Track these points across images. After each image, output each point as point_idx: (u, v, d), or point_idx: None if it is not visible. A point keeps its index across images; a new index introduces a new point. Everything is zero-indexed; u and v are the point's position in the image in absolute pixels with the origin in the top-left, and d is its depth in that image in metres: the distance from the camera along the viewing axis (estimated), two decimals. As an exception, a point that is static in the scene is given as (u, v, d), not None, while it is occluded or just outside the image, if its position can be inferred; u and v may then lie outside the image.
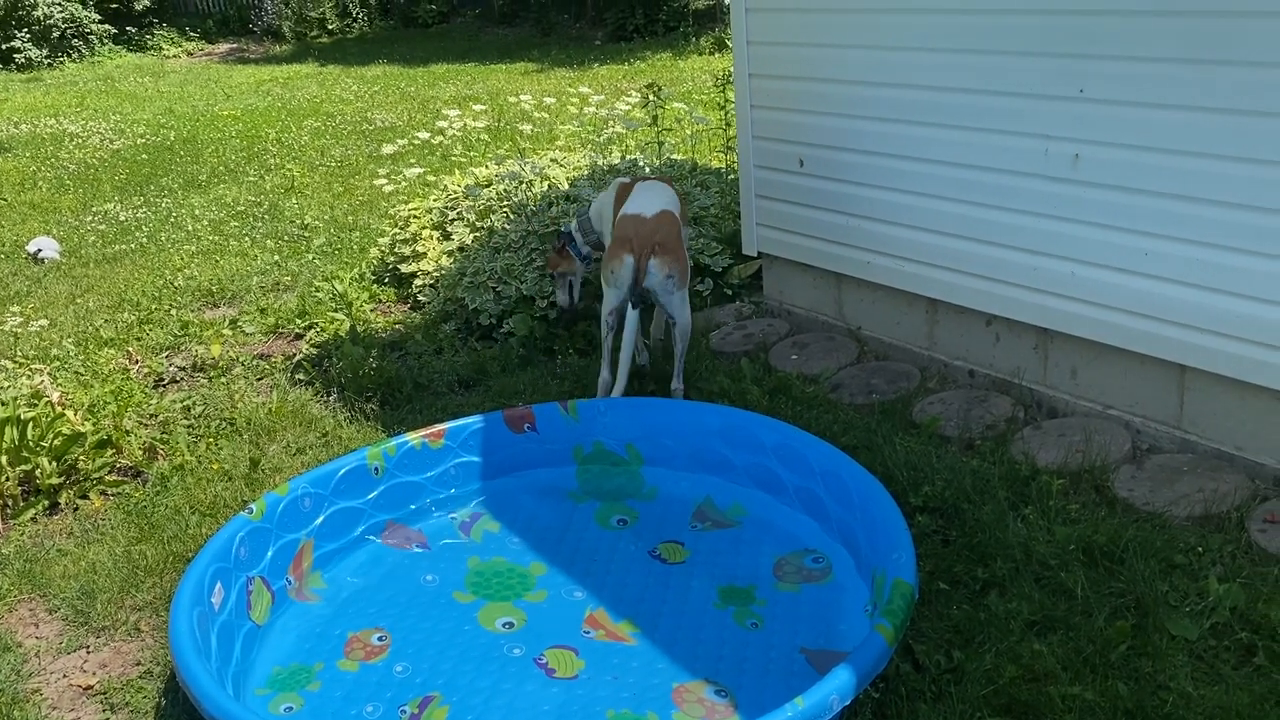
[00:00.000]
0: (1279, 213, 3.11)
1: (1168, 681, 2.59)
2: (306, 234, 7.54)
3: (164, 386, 5.09)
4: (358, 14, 21.35)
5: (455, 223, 6.24)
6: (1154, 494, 3.35)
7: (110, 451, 4.23)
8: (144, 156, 10.85)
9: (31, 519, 3.95)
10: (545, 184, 6.29)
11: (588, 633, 3.06)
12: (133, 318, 6.00)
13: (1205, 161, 3.25)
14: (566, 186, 6.19)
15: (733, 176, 6.19)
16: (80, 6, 19.24)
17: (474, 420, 3.87)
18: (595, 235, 4.46)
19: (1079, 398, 3.88)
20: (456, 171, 7.56)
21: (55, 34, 18.90)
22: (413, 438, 3.75)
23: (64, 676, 3.13)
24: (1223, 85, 3.15)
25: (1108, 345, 3.71)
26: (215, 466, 4.15)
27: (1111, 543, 3.07)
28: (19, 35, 18.46)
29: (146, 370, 5.22)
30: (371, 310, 5.79)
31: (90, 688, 3.07)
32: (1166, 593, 2.87)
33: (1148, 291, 3.50)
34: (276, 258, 6.99)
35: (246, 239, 7.57)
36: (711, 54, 14.59)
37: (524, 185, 6.26)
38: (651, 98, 6.58)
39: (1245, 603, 2.79)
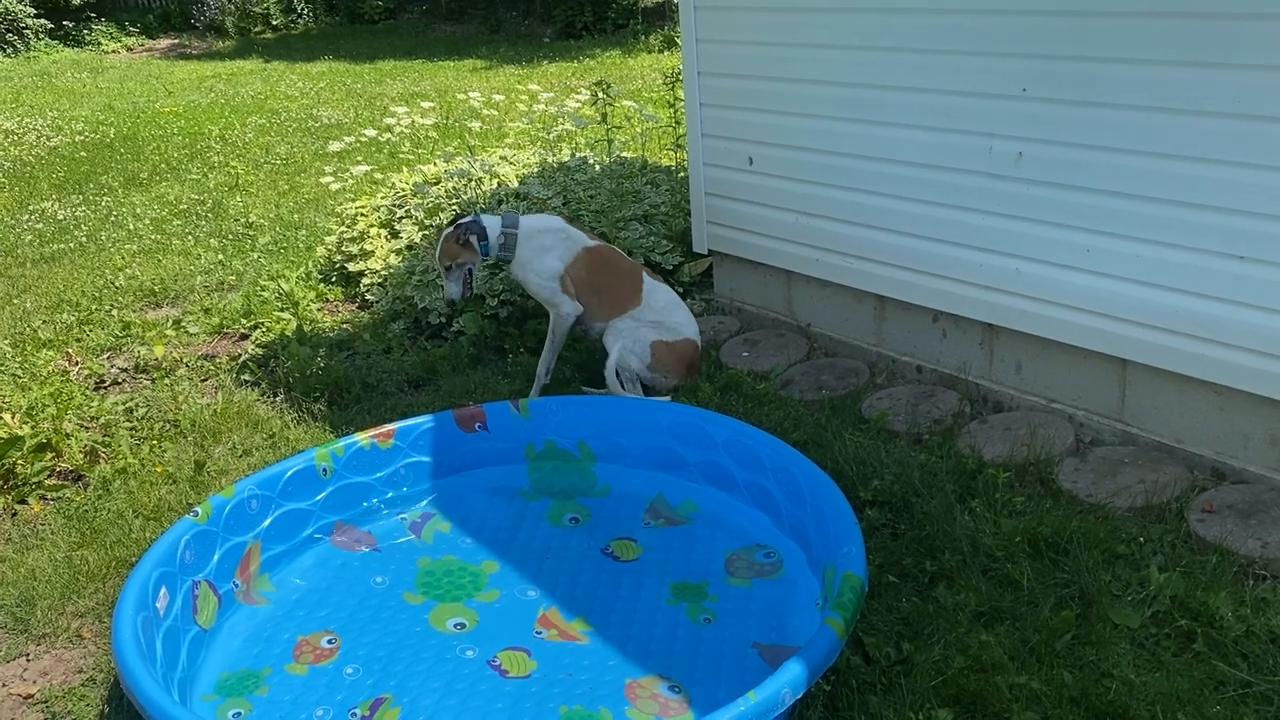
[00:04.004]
0: (1216, 210, 3.18)
1: (1111, 669, 2.64)
2: (251, 232, 7.42)
3: (105, 388, 4.99)
4: (302, 10, 21.10)
5: (403, 220, 6.19)
6: (1097, 486, 3.41)
7: (49, 455, 4.14)
8: (83, 154, 10.62)
9: (-32, 525, 3.85)
10: (495, 181, 6.26)
11: (540, 633, 3.05)
12: (72, 318, 5.87)
13: (1144, 159, 3.32)
14: (516, 184, 6.16)
15: (683, 174, 6.21)
16: (15, 0, 18.78)
17: (424, 420, 3.84)
18: (510, 254, 4.27)
19: (1024, 392, 3.94)
20: (404, 169, 7.49)
21: (-12, 28, 18.47)
22: (362, 438, 3.72)
23: (3, 685, 3.06)
24: (1162, 85, 3.22)
25: (1052, 340, 3.77)
26: (159, 469, 4.07)
27: (1056, 534, 3.13)
28: (-49, 30, 18.03)
29: (87, 372, 5.11)
30: (318, 310, 5.72)
31: (31, 696, 3.00)
32: (1109, 582, 2.93)
33: (1090, 287, 3.56)
34: (221, 257, 6.88)
35: (190, 238, 7.44)
36: (660, 52, 14.61)
37: (473, 183, 6.23)
38: (601, 95, 6.57)
39: (1185, 591, 2.86)
